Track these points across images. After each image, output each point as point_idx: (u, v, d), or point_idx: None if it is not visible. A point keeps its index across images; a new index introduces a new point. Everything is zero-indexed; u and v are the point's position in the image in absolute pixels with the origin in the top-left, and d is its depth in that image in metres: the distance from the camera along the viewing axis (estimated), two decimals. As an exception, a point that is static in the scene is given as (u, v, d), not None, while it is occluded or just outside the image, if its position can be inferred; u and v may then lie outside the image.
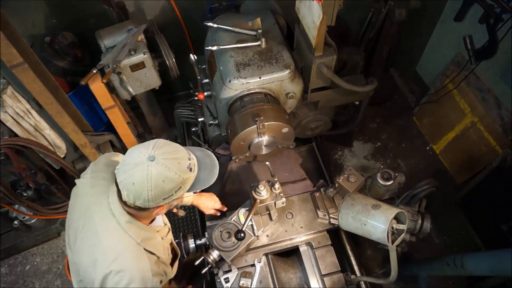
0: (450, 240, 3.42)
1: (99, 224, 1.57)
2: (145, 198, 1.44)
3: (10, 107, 2.97)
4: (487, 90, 3.18)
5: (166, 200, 1.49)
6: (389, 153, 4.04)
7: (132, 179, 1.42)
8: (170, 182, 1.45)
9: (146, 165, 1.41)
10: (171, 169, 1.44)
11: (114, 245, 1.55)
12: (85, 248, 1.60)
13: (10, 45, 2.43)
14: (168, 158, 1.45)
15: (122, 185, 1.45)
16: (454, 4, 3.25)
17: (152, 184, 1.41)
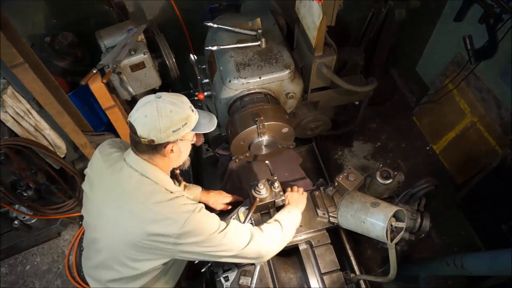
0: (450, 240, 3.42)
1: (127, 186, 1.69)
2: (157, 128, 1.59)
3: (10, 107, 2.97)
4: (487, 90, 3.18)
5: (176, 133, 1.64)
6: (389, 153, 4.04)
7: (144, 113, 1.60)
8: (177, 114, 1.62)
9: (155, 101, 1.61)
10: (176, 104, 1.64)
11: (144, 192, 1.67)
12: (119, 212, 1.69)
13: (10, 45, 2.44)
14: (173, 97, 1.66)
15: (136, 122, 1.61)
16: (454, 4, 3.25)
17: (162, 114, 1.59)
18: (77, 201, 3.52)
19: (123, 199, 1.68)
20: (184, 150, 1.79)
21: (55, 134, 3.30)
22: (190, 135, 1.75)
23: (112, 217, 1.71)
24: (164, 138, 1.63)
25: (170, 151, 1.69)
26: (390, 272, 1.92)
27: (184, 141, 1.74)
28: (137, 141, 1.65)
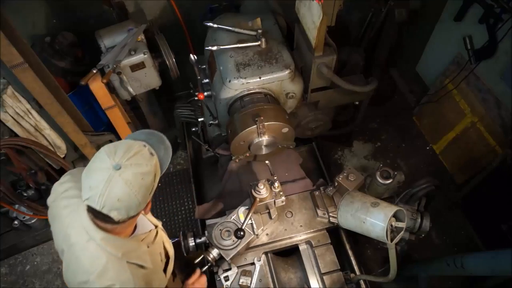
0: (450, 240, 3.42)
1: (76, 245, 1.51)
2: (136, 204, 1.38)
3: (10, 107, 2.97)
4: (487, 90, 3.18)
5: (151, 193, 1.45)
6: (389, 153, 4.04)
7: (114, 197, 1.33)
8: (148, 175, 1.39)
9: (119, 175, 1.32)
10: (141, 163, 1.38)
11: (94, 265, 1.48)
12: (70, 272, 1.56)
13: (10, 45, 2.44)
14: (129, 157, 1.37)
15: (108, 209, 1.34)
16: (454, 4, 3.25)
17: (136, 187, 1.35)
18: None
19: (74, 262, 1.54)
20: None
21: (55, 134, 3.30)
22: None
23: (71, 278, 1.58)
24: (144, 205, 1.43)
25: (149, 206, 1.54)
26: (390, 272, 1.91)
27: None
28: (111, 221, 1.41)
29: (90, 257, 1.48)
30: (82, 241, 1.49)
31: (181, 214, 3.80)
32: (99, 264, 1.47)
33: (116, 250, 1.49)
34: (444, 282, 3.14)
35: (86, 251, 1.49)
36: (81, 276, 1.50)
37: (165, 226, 3.66)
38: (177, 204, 3.85)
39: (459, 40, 3.21)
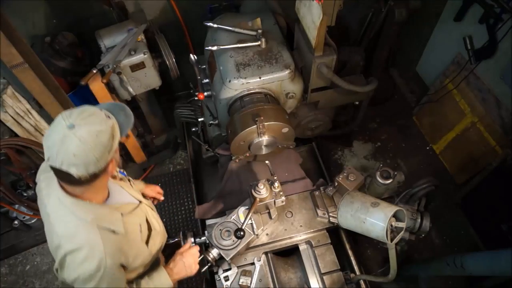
0: (450, 240, 3.42)
1: (52, 213, 1.61)
2: (94, 160, 1.40)
3: (10, 107, 2.98)
4: (487, 90, 3.18)
5: (111, 152, 1.47)
6: (389, 153, 4.04)
7: (70, 152, 1.36)
8: (103, 133, 1.43)
9: (73, 133, 1.36)
10: (95, 122, 1.42)
11: (64, 229, 1.56)
12: (48, 240, 1.66)
13: (10, 45, 2.44)
14: (84, 117, 1.41)
15: (66, 165, 1.38)
16: (454, 4, 3.25)
17: (91, 143, 1.38)
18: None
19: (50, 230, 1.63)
20: (118, 157, 1.65)
21: (55, 134, 3.29)
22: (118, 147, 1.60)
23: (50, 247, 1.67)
24: (103, 163, 1.46)
25: (112, 168, 1.55)
26: (390, 272, 1.91)
27: (117, 152, 1.58)
28: (70, 181, 1.46)
29: (61, 221, 1.57)
30: (55, 208, 1.59)
31: (181, 214, 3.80)
32: (69, 227, 1.55)
33: (85, 214, 1.55)
34: (444, 282, 3.14)
35: (58, 217, 1.58)
36: (54, 240, 1.58)
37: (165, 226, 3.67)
38: (177, 204, 3.85)
39: (459, 40, 3.21)
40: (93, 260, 1.53)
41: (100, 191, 1.65)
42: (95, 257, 1.53)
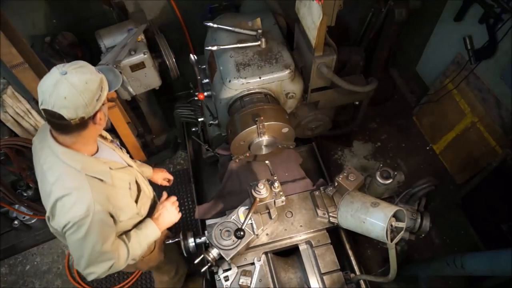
0: (450, 240, 3.42)
1: (44, 164, 1.71)
2: (83, 104, 1.53)
3: (10, 107, 2.98)
4: (487, 90, 3.18)
5: (99, 101, 1.60)
6: (389, 153, 4.04)
7: (61, 95, 1.49)
8: (93, 82, 1.57)
9: (65, 79, 1.50)
10: (85, 72, 1.57)
11: (55, 176, 1.66)
12: (42, 190, 1.76)
13: (10, 45, 2.44)
14: (76, 67, 1.56)
15: (57, 107, 1.50)
16: (454, 4, 3.25)
17: (81, 88, 1.51)
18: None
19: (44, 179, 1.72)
20: (106, 114, 1.75)
21: (55, 134, 3.29)
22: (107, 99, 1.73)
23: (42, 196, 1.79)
24: (92, 110, 1.58)
25: (99, 119, 1.67)
26: (390, 272, 1.91)
27: (105, 104, 1.71)
28: (62, 126, 1.59)
29: (52, 170, 1.68)
30: (47, 159, 1.70)
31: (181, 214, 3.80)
32: (59, 175, 1.66)
33: (75, 162, 1.66)
34: (444, 282, 3.14)
35: (50, 166, 1.69)
36: (46, 189, 1.70)
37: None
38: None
39: (459, 40, 3.21)
40: (82, 205, 1.62)
41: (89, 142, 1.76)
42: (84, 202, 1.63)
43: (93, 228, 1.65)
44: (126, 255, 1.87)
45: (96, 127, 1.69)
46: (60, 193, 1.63)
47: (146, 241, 1.98)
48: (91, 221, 1.63)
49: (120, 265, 1.84)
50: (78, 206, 1.62)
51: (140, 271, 3.49)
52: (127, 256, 1.87)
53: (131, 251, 1.89)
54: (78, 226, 1.63)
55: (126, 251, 1.87)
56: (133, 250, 1.90)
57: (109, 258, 1.77)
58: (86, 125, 1.62)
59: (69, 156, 1.66)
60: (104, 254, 1.74)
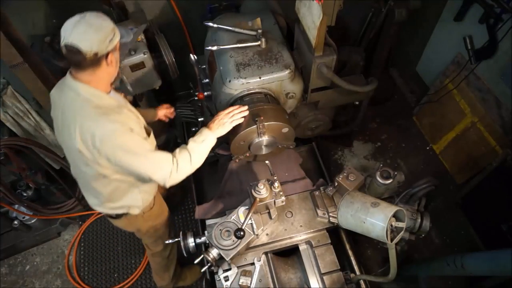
0: (450, 240, 3.42)
1: (64, 102, 1.92)
2: (98, 39, 1.75)
3: (10, 107, 2.98)
4: (487, 90, 3.18)
5: (111, 43, 1.82)
6: (389, 153, 4.04)
7: (80, 31, 1.72)
8: (107, 24, 1.80)
9: (83, 19, 1.75)
10: (101, 17, 1.81)
11: (73, 109, 1.86)
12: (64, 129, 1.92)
13: (10, 45, 2.44)
14: (93, 14, 1.80)
15: (76, 41, 1.72)
16: (454, 4, 3.25)
17: (96, 27, 1.75)
18: (77, 201, 3.52)
19: (64, 117, 1.91)
20: (117, 61, 1.95)
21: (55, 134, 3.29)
22: (119, 44, 1.93)
23: (64, 135, 1.95)
24: (104, 48, 1.79)
25: (110, 61, 1.86)
26: (390, 272, 1.91)
27: (117, 51, 1.92)
28: (79, 61, 1.78)
29: (72, 105, 1.87)
30: (68, 97, 1.90)
31: (181, 214, 3.80)
32: (79, 106, 1.86)
33: (92, 96, 1.87)
34: (444, 282, 3.14)
35: (69, 103, 1.89)
36: (68, 121, 1.88)
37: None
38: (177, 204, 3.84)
39: (459, 40, 3.21)
40: (112, 125, 1.84)
41: (103, 83, 1.93)
42: (112, 122, 1.84)
43: (134, 138, 1.89)
44: (188, 157, 2.05)
45: (109, 69, 1.88)
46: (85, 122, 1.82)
47: (204, 146, 2.14)
48: (128, 134, 1.87)
49: (184, 165, 2.05)
50: (109, 126, 1.82)
51: (140, 271, 3.49)
52: (189, 157, 2.05)
53: (192, 154, 2.07)
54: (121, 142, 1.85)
55: (187, 153, 2.06)
56: (193, 153, 2.08)
57: (169, 158, 2.00)
58: (99, 62, 1.81)
59: (86, 90, 1.86)
60: (162, 154, 2.00)
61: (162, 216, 2.65)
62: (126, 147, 1.87)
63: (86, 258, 3.63)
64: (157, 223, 2.61)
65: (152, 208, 2.46)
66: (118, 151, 1.86)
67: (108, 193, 2.15)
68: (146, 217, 2.45)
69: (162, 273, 3.04)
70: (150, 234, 2.66)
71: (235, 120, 2.24)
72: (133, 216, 2.37)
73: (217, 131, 2.19)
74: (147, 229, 2.59)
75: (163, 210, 2.67)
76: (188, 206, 3.85)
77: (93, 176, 2.03)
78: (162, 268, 2.99)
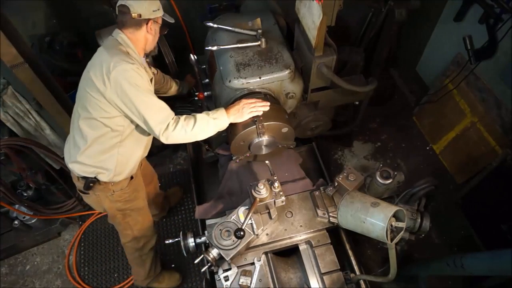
0: (450, 240, 3.42)
1: (104, 45, 2.19)
2: (144, 6, 2.12)
3: (10, 107, 2.98)
4: (487, 90, 3.18)
5: (155, 13, 2.18)
6: (389, 153, 4.04)
7: None
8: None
9: None
10: None
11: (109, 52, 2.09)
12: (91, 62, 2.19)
13: (10, 45, 2.44)
14: None
15: (128, 3, 2.09)
16: (454, 4, 3.25)
17: None
18: (77, 201, 3.52)
19: (97, 54, 2.19)
20: (156, 34, 2.29)
21: (55, 134, 3.30)
22: (160, 20, 2.27)
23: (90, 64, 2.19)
24: (148, 14, 2.14)
25: (150, 28, 2.20)
26: (390, 272, 1.91)
27: (157, 24, 2.25)
28: (126, 20, 2.14)
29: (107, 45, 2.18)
30: (107, 40, 2.24)
31: (181, 214, 3.80)
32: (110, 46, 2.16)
33: (127, 48, 2.18)
34: (444, 282, 3.14)
35: (106, 44, 2.20)
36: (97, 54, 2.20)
37: (165, 226, 3.68)
38: (177, 204, 3.84)
39: (459, 40, 3.21)
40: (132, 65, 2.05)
41: (139, 43, 2.24)
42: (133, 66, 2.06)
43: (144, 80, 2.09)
44: (193, 123, 2.14)
45: (147, 36, 2.22)
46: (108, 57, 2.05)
47: (213, 124, 2.20)
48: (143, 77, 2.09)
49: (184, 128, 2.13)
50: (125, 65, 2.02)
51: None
52: (193, 124, 2.14)
53: (198, 123, 2.15)
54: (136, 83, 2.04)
55: (193, 119, 2.15)
56: (199, 122, 2.16)
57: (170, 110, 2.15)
58: (140, 25, 2.17)
59: (123, 39, 2.18)
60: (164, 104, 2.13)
61: (134, 203, 2.62)
62: (134, 81, 2.02)
63: (86, 258, 3.63)
64: (127, 208, 2.59)
65: (123, 189, 2.46)
66: (126, 82, 2.01)
67: (91, 139, 2.21)
68: (116, 196, 2.46)
69: (136, 267, 3.05)
70: (118, 220, 2.65)
71: (253, 112, 2.26)
72: (102, 191, 2.40)
73: (232, 117, 2.24)
74: (113, 212, 2.58)
75: (137, 198, 2.64)
76: (188, 206, 3.85)
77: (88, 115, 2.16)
78: (136, 261, 2.98)
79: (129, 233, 2.76)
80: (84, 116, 2.18)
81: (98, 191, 2.40)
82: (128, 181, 2.49)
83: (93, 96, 2.09)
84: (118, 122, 2.18)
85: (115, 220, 2.66)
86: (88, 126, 2.19)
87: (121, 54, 2.08)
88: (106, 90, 2.05)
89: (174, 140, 2.16)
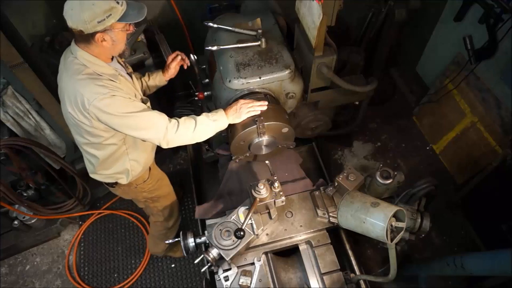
0: (450, 240, 3.42)
1: (65, 64, 2.01)
2: (82, 19, 1.79)
3: (10, 107, 2.98)
4: (487, 90, 3.18)
5: (101, 24, 1.81)
6: (389, 153, 4.04)
7: (70, 7, 1.81)
8: (99, 6, 1.78)
9: None
10: None
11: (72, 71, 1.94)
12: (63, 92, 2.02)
13: (10, 45, 2.44)
14: None
15: (67, 16, 1.83)
16: (454, 4, 3.25)
17: (85, 7, 1.77)
18: (77, 201, 3.52)
19: (63, 78, 2.01)
20: (117, 39, 1.95)
21: (55, 134, 3.30)
22: (120, 25, 1.91)
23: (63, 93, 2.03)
24: (91, 28, 1.82)
25: (102, 40, 1.89)
26: (390, 272, 1.91)
27: (114, 31, 1.90)
28: (73, 32, 1.87)
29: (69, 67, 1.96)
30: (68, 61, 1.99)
31: (181, 214, 3.80)
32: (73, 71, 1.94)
33: (89, 62, 1.95)
34: (444, 282, 3.14)
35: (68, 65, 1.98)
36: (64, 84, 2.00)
37: (165, 226, 3.68)
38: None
39: (459, 40, 3.21)
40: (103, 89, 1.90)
41: (100, 55, 1.99)
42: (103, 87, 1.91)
43: (123, 100, 1.95)
44: (193, 125, 2.10)
45: (104, 45, 1.92)
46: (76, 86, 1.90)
47: (213, 125, 2.16)
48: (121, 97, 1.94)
49: (185, 130, 2.09)
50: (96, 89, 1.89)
51: (140, 271, 3.49)
52: (194, 126, 2.10)
53: (198, 125, 2.11)
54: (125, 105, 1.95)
55: (194, 121, 2.11)
56: (200, 125, 2.12)
57: (163, 116, 2.09)
58: (88, 39, 1.88)
59: (82, 55, 1.94)
60: (155, 113, 2.07)
61: (160, 191, 2.77)
62: (114, 110, 1.91)
63: (86, 258, 3.63)
64: (154, 196, 2.74)
65: (145, 181, 2.57)
66: (106, 115, 1.91)
67: (102, 158, 2.24)
68: (140, 189, 2.57)
69: (159, 241, 3.19)
70: (148, 205, 2.80)
71: (250, 112, 2.23)
72: (126, 186, 2.47)
73: (231, 118, 2.22)
74: (143, 200, 2.73)
75: (162, 185, 2.79)
76: (188, 206, 3.85)
77: (89, 141, 2.14)
78: (161, 236, 3.13)
79: (160, 215, 2.92)
80: (85, 142, 2.17)
81: (123, 186, 2.50)
82: (148, 173, 2.58)
83: (84, 128, 2.05)
84: (119, 136, 2.18)
85: (145, 205, 2.82)
86: (94, 148, 2.21)
87: (89, 81, 1.90)
88: (92, 122, 1.99)
89: (175, 144, 2.14)
